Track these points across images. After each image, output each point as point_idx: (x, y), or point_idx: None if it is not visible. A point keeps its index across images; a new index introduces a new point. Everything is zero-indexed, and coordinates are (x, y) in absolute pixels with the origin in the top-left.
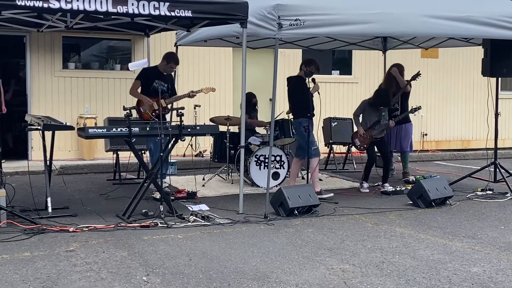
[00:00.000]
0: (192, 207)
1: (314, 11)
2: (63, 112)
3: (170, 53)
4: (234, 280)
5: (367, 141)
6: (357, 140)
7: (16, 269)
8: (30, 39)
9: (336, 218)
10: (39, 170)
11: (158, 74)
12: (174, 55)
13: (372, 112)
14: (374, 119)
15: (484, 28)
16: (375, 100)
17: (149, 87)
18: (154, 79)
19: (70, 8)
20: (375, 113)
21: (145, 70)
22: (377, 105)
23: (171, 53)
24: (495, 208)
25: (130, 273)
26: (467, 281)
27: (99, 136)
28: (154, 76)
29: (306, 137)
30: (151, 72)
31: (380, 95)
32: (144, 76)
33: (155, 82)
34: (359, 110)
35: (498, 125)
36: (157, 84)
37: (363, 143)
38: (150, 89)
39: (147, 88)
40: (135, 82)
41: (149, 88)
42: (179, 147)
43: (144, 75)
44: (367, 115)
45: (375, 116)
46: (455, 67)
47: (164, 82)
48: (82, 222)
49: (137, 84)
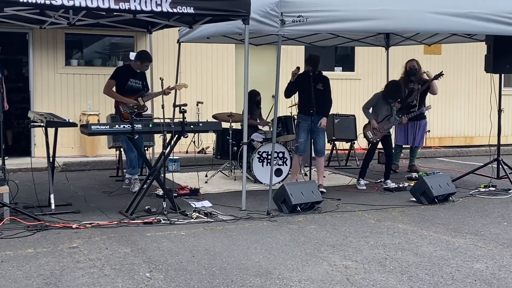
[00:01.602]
0: (195, 203)
1: (317, 8)
2: (66, 109)
3: (143, 52)
4: (237, 277)
5: (380, 135)
6: (370, 132)
7: (20, 266)
8: (33, 36)
9: (339, 215)
10: (42, 167)
11: (132, 73)
12: (147, 54)
13: (384, 105)
14: (385, 113)
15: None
16: (387, 92)
17: (123, 86)
18: (129, 77)
19: (73, 4)
20: (387, 107)
21: (119, 69)
22: (389, 98)
23: (145, 52)
24: (498, 205)
25: (133, 270)
26: (470, 277)
27: (102, 133)
28: (128, 75)
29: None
30: (125, 71)
31: (393, 88)
32: (118, 75)
33: (130, 81)
34: (369, 103)
35: (501, 121)
36: (132, 82)
37: (376, 137)
38: (125, 88)
39: (122, 87)
40: (109, 81)
41: (124, 86)
42: (182, 144)
43: (118, 74)
44: (379, 108)
45: (386, 110)
46: (458, 63)
47: (139, 80)
48: (85, 218)
49: (112, 84)
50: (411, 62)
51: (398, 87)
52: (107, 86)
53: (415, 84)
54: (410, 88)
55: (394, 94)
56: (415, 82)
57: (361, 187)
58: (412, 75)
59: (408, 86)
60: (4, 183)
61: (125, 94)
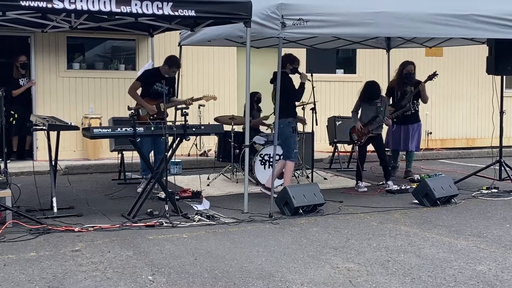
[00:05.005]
0: (197, 206)
1: (317, 11)
2: (67, 112)
3: (172, 57)
4: (240, 279)
5: (365, 136)
6: (355, 134)
7: (22, 269)
8: (35, 40)
9: (341, 217)
10: (44, 170)
11: (159, 77)
12: (176, 59)
13: (367, 107)
14: (371, 114)
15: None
16: (363, 93)
17: (149, 89)
18: (155, 81)
19: (74, 8)
20: (371, 108)
21: (147, 72)
22: (366, 98)
23: (173, 57)
24: (500, 207)
25: (136, 273)
26: (473, 279)
27: (104, 136)
28: (155, 78)
29: (294, 138)
30: (152, 74)
31: (367, 87)
32: (145, 78)
33: (156, 85)
34: (355, 106)
35: (503, 123)
36: (158, 86)
37: (359, 138)
38: (150, 91)
39: (147, 90)
40: (135, 82)
41: (149, 90)
42: (183, 147)
43: (145, 77)
44: (364, 111)
45: (372, 111)
46: (460, 65)
47: (165, 85)
48: (87, 222)
49: (137, 85)
50: (409, 66)
51: (371, 86)
52: (131, 87)
53: (408, 86)
54: (403, 90)
55: (369, 93)
56: (408, 84)
57: (361, 190)
58: (408, 79)
59: (401, 89)
60: (7, 187)
61: (149, 97)
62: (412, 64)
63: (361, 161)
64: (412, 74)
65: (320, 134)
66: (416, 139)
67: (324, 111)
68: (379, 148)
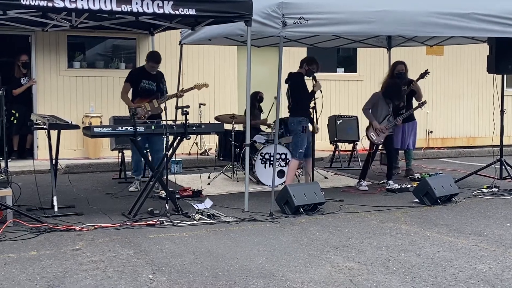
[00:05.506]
0: (197, 205)
1: (318, 9)
2: (68, 111)
3: (151, 52)
4: (240, 278)
5: (383, 135)
6: (373, 134)
7: (23, 268)
8: (35, 39)
9: (341, 216)
10: (45, 169)
11: (145, 74)
12: (153, 54)
13: (384, 105)
14: (385, 113)
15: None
16: (391, 92)
17: (137, 87)
18: (141, 78)
19: (75, 7)
20: (386, 107)
21: (132, 71)
22: (390, 97)
23: (153, 52)
24: (501, 206)
25: (136, 272)
26: (473, 278)
27: (104, 135)
28: (141, 76)
29: (302, 137)
30: (138, 73)
31: (396, 88)
32: (131, 77)
33: (143, 82)
34: (369, 103)
35: (504, 122)
36: (144, 83)
37: (379, 138)
38: (139, 90)
39: (136, 89)
40: (124, 85)
41: (138, 88)
42: (184, 146)
43: (131, 76)
44: (379, 108)
45: (386, 110)
46: (461, 64)
47: (152, 81)
48: (88, 220)
49: (127, 87)
50: (399, 66)
51: (400, 88)
52: (123, 90)
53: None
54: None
55: (396, 94)
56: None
57: (362, 188)
58: (400, 79)
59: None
60: (7, 186)
61: (139, 95)
62: (403, 63)
63: (371, 160)
64: (404, 74)
65: (320, 132)
66: (413, 137)
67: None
68: (391, 148)
